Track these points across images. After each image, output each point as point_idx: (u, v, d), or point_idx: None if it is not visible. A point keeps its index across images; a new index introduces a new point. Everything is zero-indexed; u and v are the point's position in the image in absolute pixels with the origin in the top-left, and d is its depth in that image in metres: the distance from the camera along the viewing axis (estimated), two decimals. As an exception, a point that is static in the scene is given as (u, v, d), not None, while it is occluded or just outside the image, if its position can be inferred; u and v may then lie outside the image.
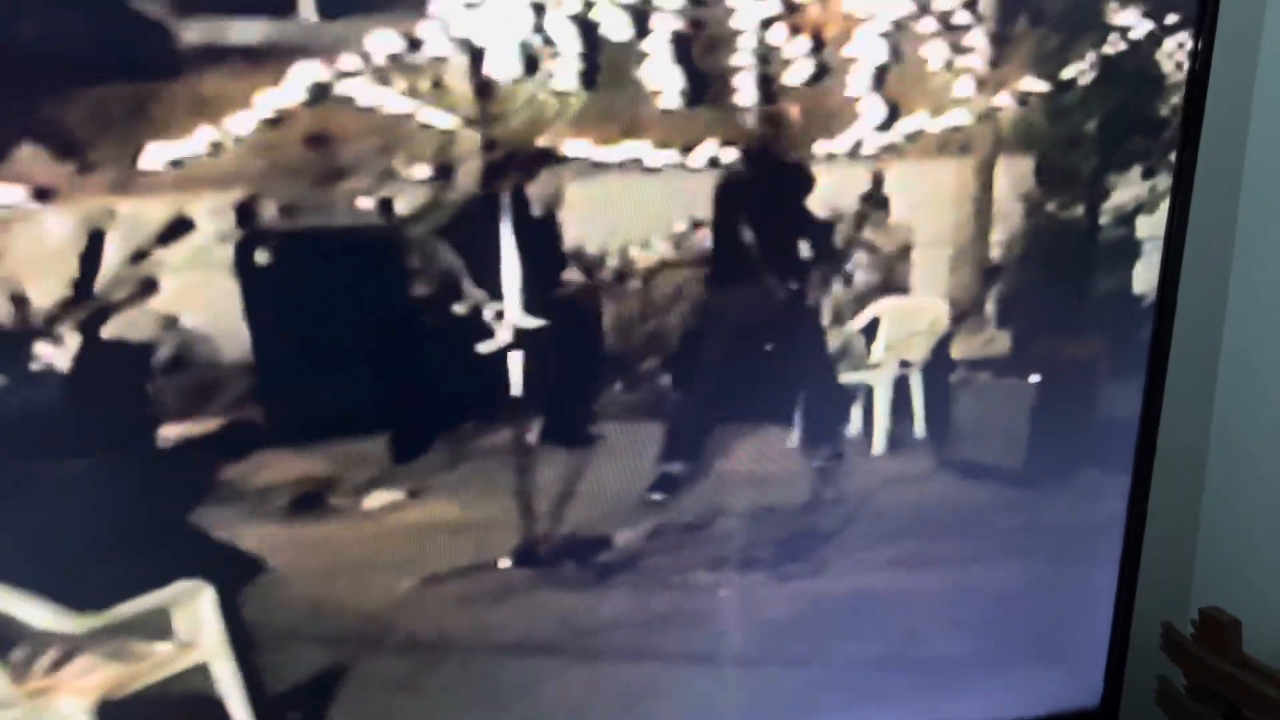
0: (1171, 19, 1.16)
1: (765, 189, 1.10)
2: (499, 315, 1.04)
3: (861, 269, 1.16)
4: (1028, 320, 1.24)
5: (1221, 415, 1.57)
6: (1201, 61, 1.17)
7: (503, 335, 1.05)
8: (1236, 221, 1.49)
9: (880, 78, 1.09)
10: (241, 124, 0.94)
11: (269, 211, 0.98)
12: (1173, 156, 1.21)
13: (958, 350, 1.22)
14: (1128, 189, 1.22)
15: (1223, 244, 1.50)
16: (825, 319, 1.17)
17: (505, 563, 1.12)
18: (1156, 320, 1.25)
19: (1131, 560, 1.32)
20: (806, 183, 1.10)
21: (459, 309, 1.04)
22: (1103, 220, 1.22)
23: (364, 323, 1.03)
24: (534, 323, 1.05)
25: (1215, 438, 1.58)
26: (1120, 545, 1.32)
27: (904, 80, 1.10)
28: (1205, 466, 1.60)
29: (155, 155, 0.93)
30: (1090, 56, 1.15)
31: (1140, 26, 1.15)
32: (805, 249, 1.14)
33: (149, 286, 0.96)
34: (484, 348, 1.05)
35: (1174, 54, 1.19)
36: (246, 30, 0.92)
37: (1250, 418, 1.52)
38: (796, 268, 1.15)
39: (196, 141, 0.94)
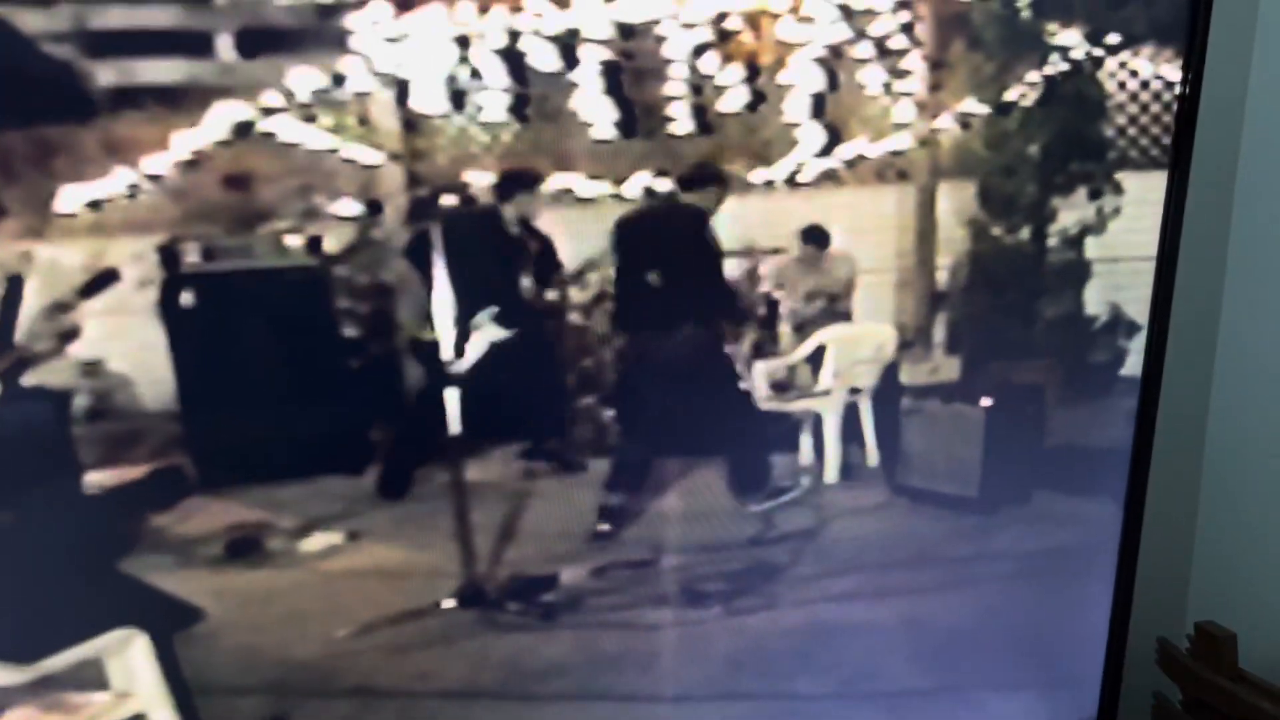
0: (1114, 39, 1.15)
1: (701, 219, 1.08)
2: (431, 353, 1.02)
3: (805, 298, 1.14)
4: (985, 345, 1.23)
5: (1215, 430, 1.56)
6: (1193, 81, 1.15)
7: (436, 372, 1.03)
8: (1229, 242, 1.48)
9: (818, 104, 1.08)
10: (160, 165, 0.92)
11: (192, 254, 0.95)
12: (1120, 175, 1.20)
13: (909, 376, 1.21)
14: (1074, 210, 1.20)
15: (1215, 263, 1.49)
16: (769, 348, 1.15)
17: (449, 603, 1.10)
18: (1150, 338, 1.24)
19: (1127, 576, 1.31)
20: (743, 211, 1.09)
21: (390, 348, 1.02)
22: (1050, 243, 1.21)
23: (293, 365, 1.00)
24: (465, 363, 1.03)
25: (1209, 453, 1.57)
26: (1116, 561, 1.30)
27: (842, 106, 1.09)
28: (1200, 482, 1.59)
29: (72, 198, 0.91)
30: (1032, 78, 1.14)
31: (1081, 47, 1.14)
32: (746, 279, 1.12)
33: (70, 332, 0.94)
34: (419, 384, 1.03)
35: (1117, 74, 1.18)
36: (162, 70, 0.90)
37: (1244, 432, 1.51)
38: (738, 297, 1.13)
39: (114, 183, 0.92)
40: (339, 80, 0.94)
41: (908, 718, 1.31)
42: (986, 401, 1.23)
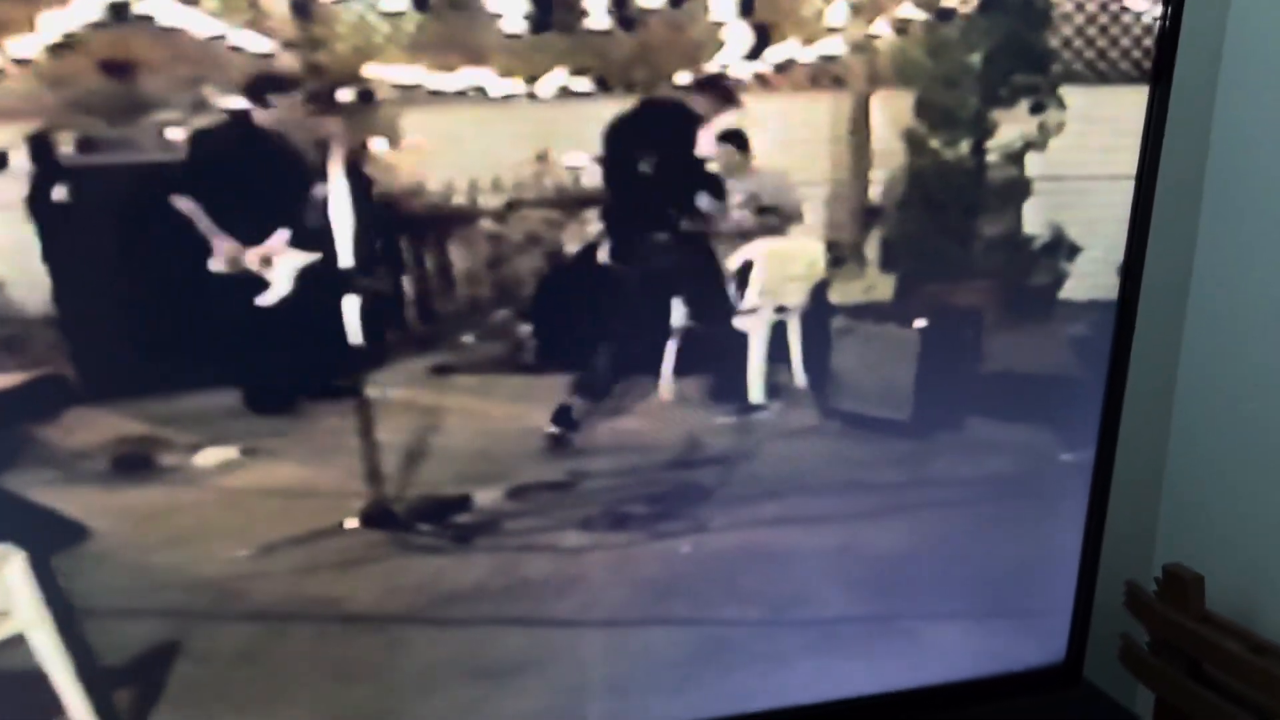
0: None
1: (623, 123, 1.02)
2: (327, 258, 0.97)
3: (733, 209, 1.09)
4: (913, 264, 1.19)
5: (1185, 372, 1.54)
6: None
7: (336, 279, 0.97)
8: (1206, 167, 1.45)
9: (746, 1, 1.02)
10: (26, 48, 0.85)
11: (66, 145, 0.89)
12: (1064, 90, 1.16)
13: (841, 294, 1.16)
14: (1015, 125, 1.16)
15: (1191, 191, 1.45)
16: (694, 262, 1.10)
17: (352, 523, 1.05)
18: (1123, 282, 1.21)
19: (1096, 518, 1.29)
20: (667, 115, 1.03)
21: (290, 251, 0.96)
22: (990, 158, 1.16)
23: (181, 267, 0.94)
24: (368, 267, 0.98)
25: (1180, 394, 1.56)
26: (1085, 503, 1.29)
27: (773, 5, 1.03)
28: (1169, 423, 1.57)
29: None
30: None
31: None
32: (669, 187, 1.07)
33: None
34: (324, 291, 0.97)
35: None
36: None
37: (1215, 372, 1.50)
38: (660, 207, 1.08)
39: (-24, 66, 0.85)
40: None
41: (873, 657, 1.29)
42: (921, 322, 1.19)
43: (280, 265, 0.94)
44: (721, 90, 1.02)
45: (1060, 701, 1.39)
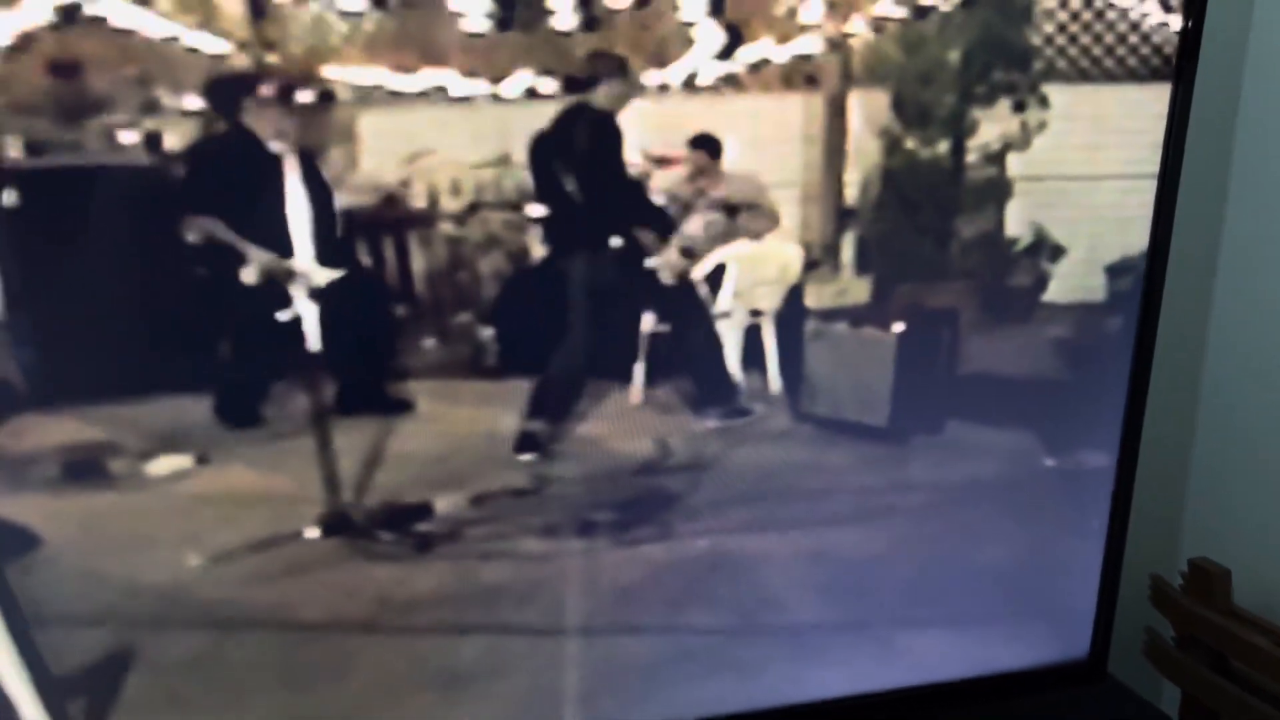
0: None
1: (591, 124, 1.00)
2: (288, 265, 0.95)
3: (703, 210, 1.07)
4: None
5: (1212, 363, 1.52)
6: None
7: (296, 287, 0.95)
8: (1232, 157, 1.42)
9: (717, 0, 1.00)
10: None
11: (14, 148, 0.87)
12: (1046, 88, 1.13)
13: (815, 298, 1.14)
14: (995, 124, 1.13)
15: (1216, 182, 1.42)
16: (665, 265, 1.08)
17: (311, 531, 1.03)
18: (1148, 274, 1.19)
19: (1121, 512, 1.27)
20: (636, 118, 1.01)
21: (241, 257, 0.94)
22: (969, 158, 1.14)
23: (132, 272, 0.93)
24: (327, 275, 0.96)
25: (1206, 387, 1.53)
26: (1110, 497, 1.27)
27: (744, 3, 1.00)
28: (1195, 416, 1.55)
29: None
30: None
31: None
32: (639, 189, 1.05)
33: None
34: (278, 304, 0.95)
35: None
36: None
37: (1241, 365, 1.47)
38: (630, 210, 1.06)
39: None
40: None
41: (900, 651, 1.28)
42: (899, 326, 1.17)
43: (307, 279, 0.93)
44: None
45: (1085, 697, 1.37)
